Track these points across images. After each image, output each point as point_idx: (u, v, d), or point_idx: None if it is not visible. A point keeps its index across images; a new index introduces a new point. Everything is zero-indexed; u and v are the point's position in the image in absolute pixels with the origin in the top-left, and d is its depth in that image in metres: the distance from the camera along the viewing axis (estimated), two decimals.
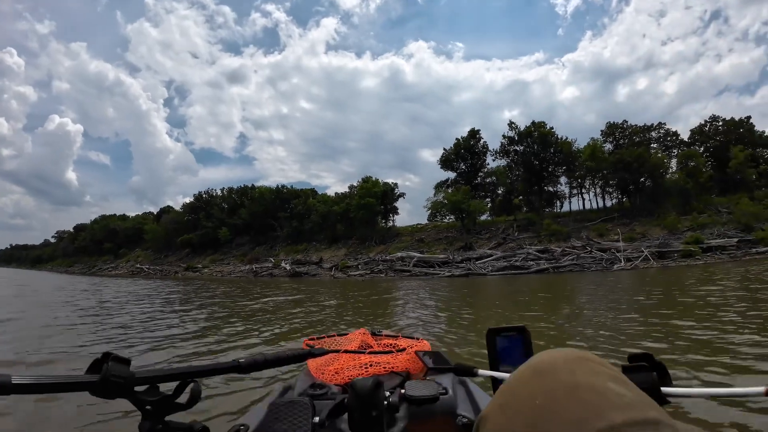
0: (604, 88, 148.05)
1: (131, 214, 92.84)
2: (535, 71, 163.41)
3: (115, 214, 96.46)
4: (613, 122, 46.39)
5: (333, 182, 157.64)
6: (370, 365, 1.17)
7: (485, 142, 47.61)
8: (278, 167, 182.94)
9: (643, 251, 26.00)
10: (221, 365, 0.76)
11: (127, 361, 0.62)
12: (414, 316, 9.48)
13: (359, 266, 33.48)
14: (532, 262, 27.48)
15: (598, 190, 44.88)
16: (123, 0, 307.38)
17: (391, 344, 1.36)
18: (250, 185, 66.27)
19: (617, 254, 26.41)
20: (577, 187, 45.67)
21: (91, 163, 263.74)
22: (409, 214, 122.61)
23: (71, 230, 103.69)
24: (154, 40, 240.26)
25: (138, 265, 60.38)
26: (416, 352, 1.19)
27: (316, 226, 48.91)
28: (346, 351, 1.20)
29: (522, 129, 43.45)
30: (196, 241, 61.40)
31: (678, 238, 28.34)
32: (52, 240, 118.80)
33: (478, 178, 47.30)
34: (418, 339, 1.42)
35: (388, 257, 32.81)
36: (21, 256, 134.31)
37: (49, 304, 14.46)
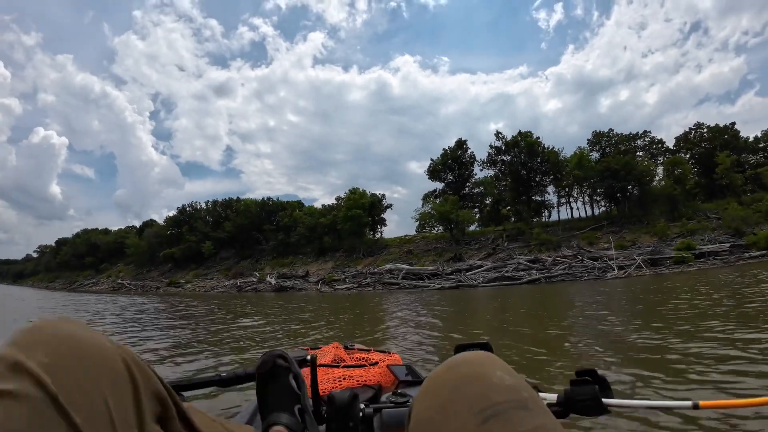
0: (587, 100, 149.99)
1: (114, 228, 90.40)
2: (519, 84, 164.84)
3: (97, 228, 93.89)
4: (599, 131, 46.51)
5: (321, 194, 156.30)
6: (344, 378, 1.18)
7: (472, 152, 47.29)
8: (265, 180, 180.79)
9: (635, 259, 25.59)
10: (204, 379, 0.81)
11: None
12: (407, 341, 8.64)
13: (347, 279, 32.52)
14: (523, 273, 26.87)
15: (586, 198, 44.71)
16: (110, 13, 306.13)
17: (363, 358, 1.36)
18: (235, 198, 64.98)
19: (609, 262, 25.95)
20: (564, 196, 45.43)
21: (75, 176, 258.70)
22: (397, 225, 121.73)
23: (53, 244, 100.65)
24: (141, 52, 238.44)
25: (119, 281, 58.61)
26: (388, 366, 1.26)
27: (303, 239, 47.80)
28: (320, 365, 1.19)
29: (509, 139, 43.19)
30: (178, 256, 59.80)
31: (669, 244, 28.05)
32: (35, 254, 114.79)
33: (466, 189, 46.80)
34: (389, 353, 1.42)
35: (376, 270, 31.92)
36: (2, 271, 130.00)
37: None
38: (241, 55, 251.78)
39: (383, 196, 50.04)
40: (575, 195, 45.25)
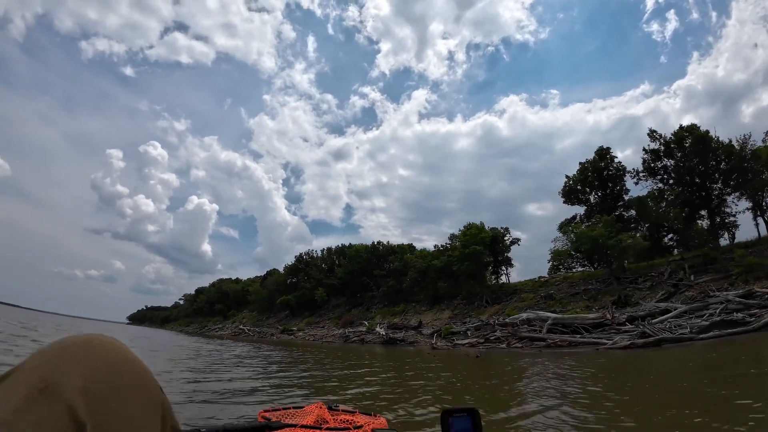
0: (726, 110, 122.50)
1: (245, 278, 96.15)
2: (644, 104, 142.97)
3: (230, 278, 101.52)
4: None
5: (434, 244, 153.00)
6: None
7: (620, 162, 36.57)
8: (381, 233, 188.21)
9: None
10: None
11: None
12: None
13: (468, 332, 25.89)
14: (741, 314, 17.48)
15: None
16: (245, 99, 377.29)
17: (348, 420, 1.32)
18: (347, 245, 63.27)
19: None
20: (759, 204, 32.60)
21: (222, 236, 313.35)
22: (519, 273, 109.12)
23: (194, 292, 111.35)
24: (272, 129, 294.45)
25: (240, 326, 60.40)
26: (373, 430, 1.20)
27: (415, 285, 42.34)
28: (303, 426, 1.15)
29: (669, 137, 32.52)
30: (293, 303, 60.03)
31: None
32: (181, 302, 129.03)
33: (618, 210, 36.03)
34: (375, 415, 1.38)
35: (508, 320, 24.70)
36: (153, 316, 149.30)
37: None
38: (355, 122, 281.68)
39: (506, 229, 41.91)
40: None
